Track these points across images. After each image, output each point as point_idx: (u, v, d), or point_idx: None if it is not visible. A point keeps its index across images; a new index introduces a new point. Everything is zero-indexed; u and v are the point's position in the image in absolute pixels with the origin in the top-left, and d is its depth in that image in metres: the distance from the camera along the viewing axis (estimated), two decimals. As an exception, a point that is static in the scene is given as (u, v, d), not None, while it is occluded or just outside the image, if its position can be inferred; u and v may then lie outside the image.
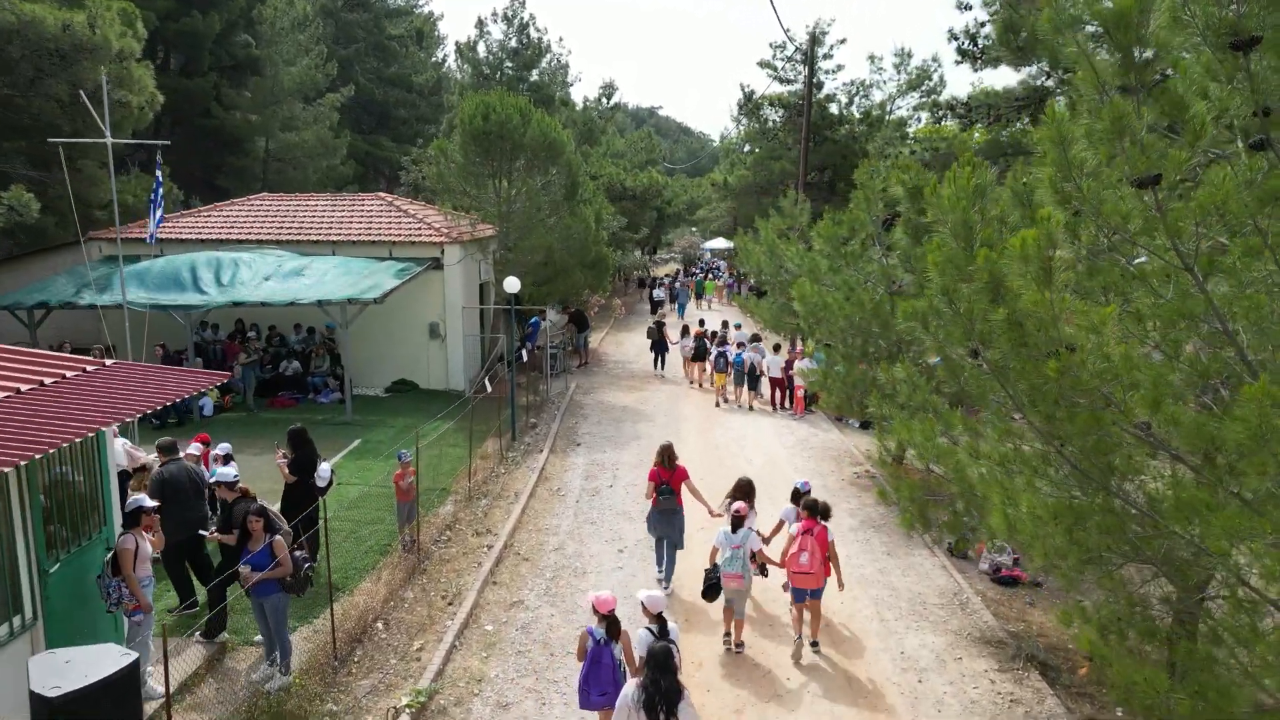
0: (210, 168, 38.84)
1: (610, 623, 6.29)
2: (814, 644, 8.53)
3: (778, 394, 19.13)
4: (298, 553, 7.58)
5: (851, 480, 13.97)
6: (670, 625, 6.35)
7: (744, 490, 9.44)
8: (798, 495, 9.24)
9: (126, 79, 21.06)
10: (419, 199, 26.23)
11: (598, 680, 6.23)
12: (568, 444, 16.51)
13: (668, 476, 9.81)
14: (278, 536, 7.38)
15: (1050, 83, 23.89)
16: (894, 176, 9.23)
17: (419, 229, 20.43)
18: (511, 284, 16.02)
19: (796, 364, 18.49)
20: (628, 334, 32.45)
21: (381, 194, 22.85)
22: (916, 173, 9.18)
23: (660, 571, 10.00)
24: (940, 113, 23.76)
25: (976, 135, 35.41)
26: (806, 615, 8.49)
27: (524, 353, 17.74)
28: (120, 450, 10.78)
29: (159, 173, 13.74)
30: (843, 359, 13.30)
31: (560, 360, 23.17)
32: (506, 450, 15.69)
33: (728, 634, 8.65)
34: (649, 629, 6.32)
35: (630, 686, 5.71)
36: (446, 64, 56.98)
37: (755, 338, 21.76)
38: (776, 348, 19.20)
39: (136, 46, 21.55)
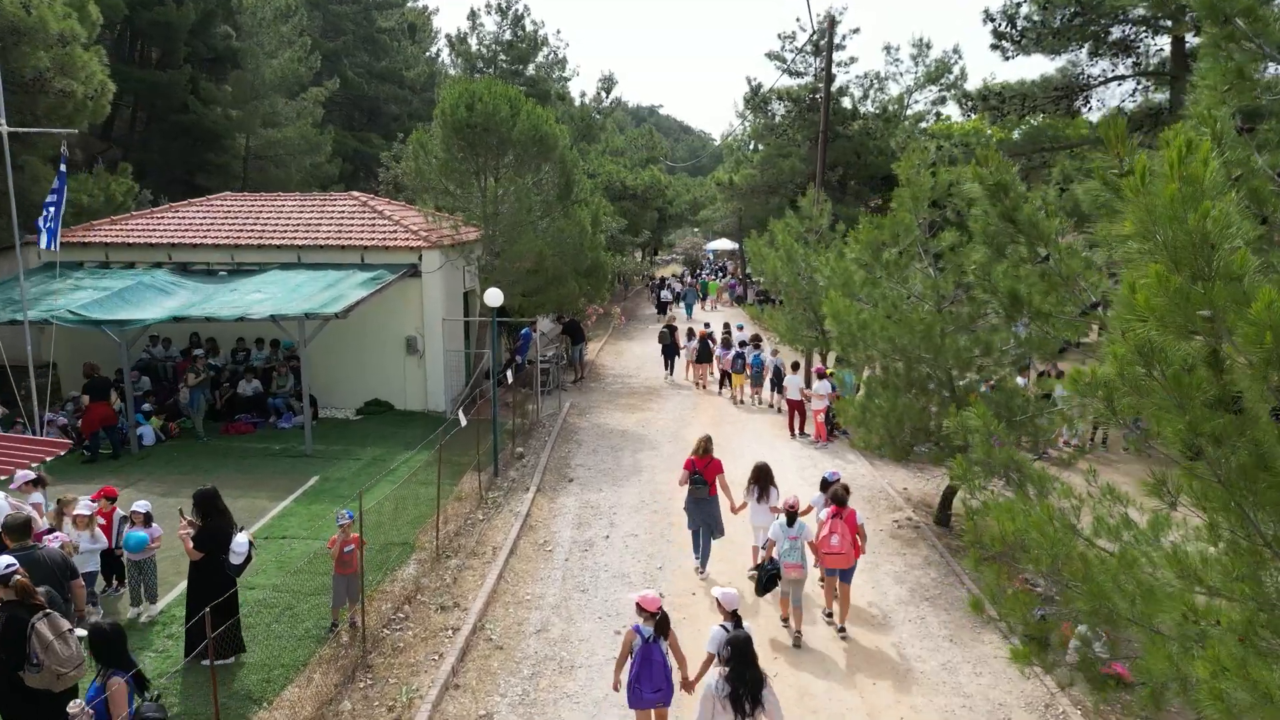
0: (189, 166, 36.79)
1: (660, 620, 6.34)
2: (841, 630, 9.00)
3: (796, 418, 16.98)
4: (146, 701, 5.42)
5: (892, 532, 11.83)
6: (745, 623, 6.46)
7: (762, 474, 10.05)
8: (826, 484, 9.72)
9: (70, 66, 18.94)
10: (400, 198, 24.09)
11: (650, 677, 6.29)
12: (558, 480, 14.39)
13: (701, 466, 10.19)
14: (115, 677, 5.22)
15: (1096, 70, 21.77)
16: (970, 170, 7.10)
17: (395, 232, 18.33)
18: (494, 296, 13.91)
19: (815, 384, 16.35)
20: (628, 343, 30.33)
21: (356, 193, 20.75)
22: (999, 166, 7.06)
23: (703, 570, 10.40)
24: (971, 103, 21.61)
25: (990, 130, 33.40)
26: (838, 594, 9.06)
27: (509, 373, 15.61)
28: (3, 505, 8.73)
29: (62, 167, 11.54)
30: (883, 388, 11.19)
31: (553, 375, 21.06)
32: (487, 490, 13.57)
33: (785, 619, 9.09)
34: (723, 626, 6.42)
35: (713, 677, 5.93)
36: (440, 59, 54.86)
37: (755, 339, 20.93)
38: (795, 366, 17.06)
39: (82, 30, 19.42)
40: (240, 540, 7.85)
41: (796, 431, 16.93)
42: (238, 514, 12.14)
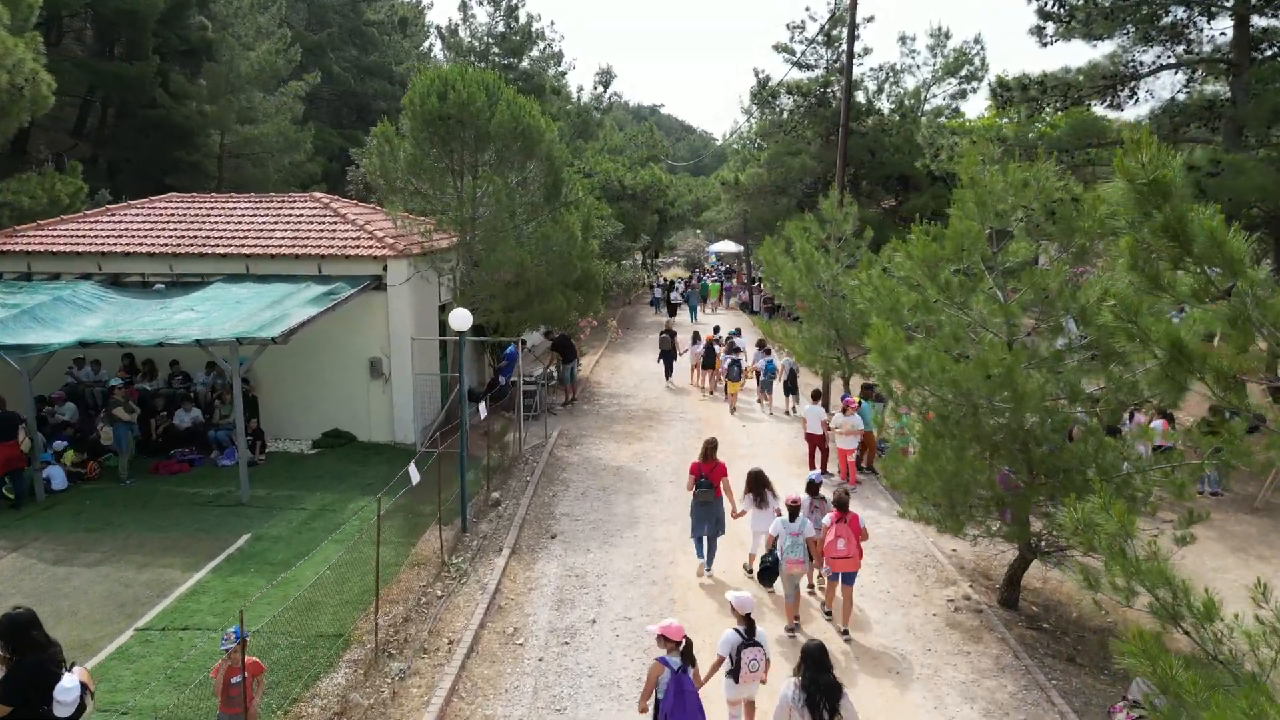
0: (161, 164, 34.52)
1: (685, 649, 6.18)
2: (844, 632, 9.01)
3: (817, 455, 14.68)
4: None
5: (948, 617, 9.51)
6: (759, 629, 6.66)
7: (758, 481, 10.26)
8: (812, 487, 9.95)
9: (-9, 51, 16.70)
10: (373, 200, 21.79)
11: (685, 708, 6.05)
12: (538, 535, 12.11)
13: (707, 470, 10.36)
14: None
15: (1147, 56, 19.49)
16: (1116, 163, 4.82)
17: (357, 239, 16.08)
18: (460, 319, 11.66)
19: (837, 418, 14.05)
20: (626, 355, 28.03)
21: (318, 195, 18.51)
22: (1157, 156, 4.79)
23: (709, 568, 10.56)
24: (1008, 93, 19.32)
25: (1004, 125, 31.14)
26: (840, 598, 9.12)
27: (483, 406, 13.33)
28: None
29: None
30: (936, 438, 8.90)
31: (540, 398, 18.77)
32: (451, 551, 11.29)
33: (791, 627, 9.08)
34: (736, 630, 6.59)
35: (789, 687, 5.87)
36: (433, 53, 52.63)
37: (762, 344, 20.28)
38: (816, 395, 14.77)
39: (5, 12, 17.18)
40: (68, 685, 5.57)
41: (818, 470, 14.60)
42: (140, 588, 9.94)
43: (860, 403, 14.22)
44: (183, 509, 12.40)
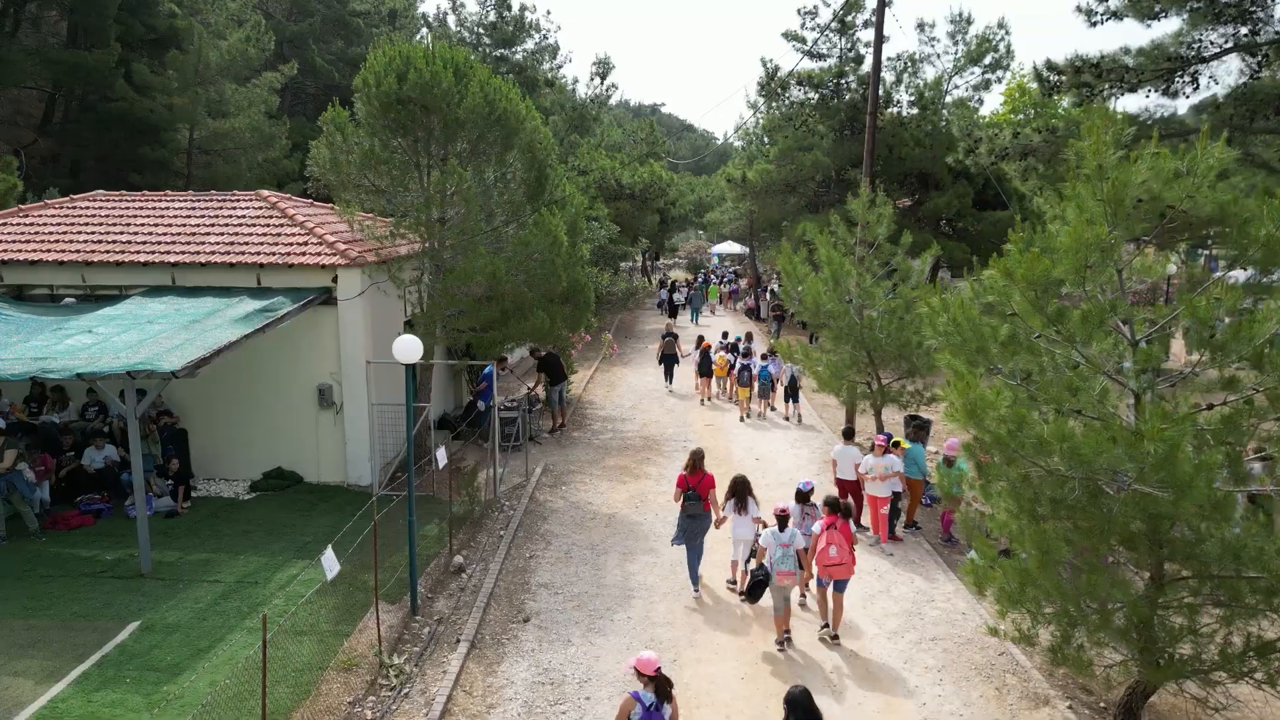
0: (126, 161, 32.11)
1: (659, 683, 5.87)
2: (835, 636, 8.98)
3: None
4: None
5: (1048, 760, 7.10)
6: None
7: (741, 486, 9.99)
8: (802, 495, 10.04)
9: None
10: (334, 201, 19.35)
11: None
12: (508, 618, 9.68)
13: (695, 483, 10.02)
14: None
15: (1215, 36, 17.06)
16: None
17: (304, 245, 13.68)
18: (407, 347, 9.27)
19: (867, 461, 11.62)
20: (623, 369, 25.53)
21: (265, 193, 16.07)
22: None
23: (695, 589, 10.26)
24: (1059, 77, 16.89)
25: (1021, 119, 28.61)
26: (830, 605, 9.03)
27: (441, 451, 10.91)
28: None
29: None
30: (1033, 521, 6.47)
31: (521, 426, 16.29)
32: (394, 645, 8.86)
33: (785, 632, 8.98)
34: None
35: None
36: (425, 46, 50.06)
37: (771, 350, 19.77)
38: (849, 433, 12.35)
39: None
40: None
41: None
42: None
43: (902, 443, 11.80)
44: (67, 580, 9.99)
